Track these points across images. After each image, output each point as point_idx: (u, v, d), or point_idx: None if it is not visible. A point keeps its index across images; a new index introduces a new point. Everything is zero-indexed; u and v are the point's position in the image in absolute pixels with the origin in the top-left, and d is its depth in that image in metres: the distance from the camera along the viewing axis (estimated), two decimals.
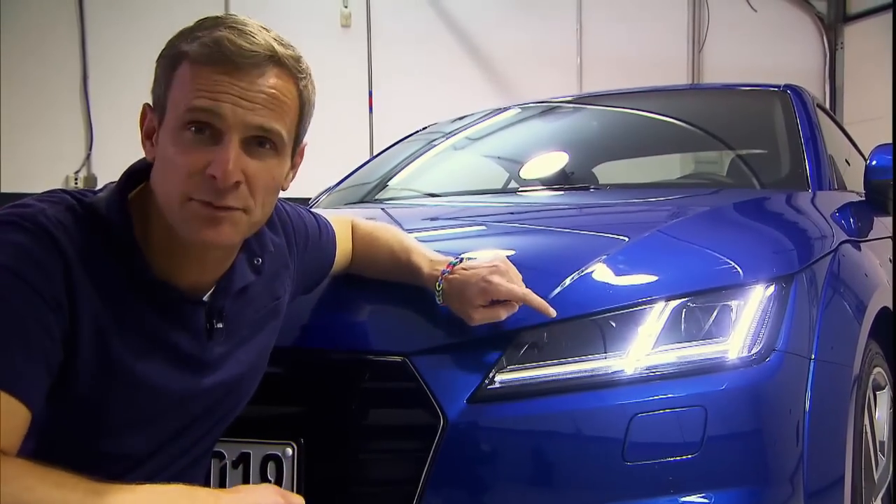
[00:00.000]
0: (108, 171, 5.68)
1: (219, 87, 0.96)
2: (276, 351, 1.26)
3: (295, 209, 1.30)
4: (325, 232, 1.33)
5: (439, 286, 1.26)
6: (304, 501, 1.02)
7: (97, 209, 1.00)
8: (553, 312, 1.22)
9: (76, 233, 0.96)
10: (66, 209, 0.97)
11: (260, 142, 0.99)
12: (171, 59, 0.99)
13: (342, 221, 1.40)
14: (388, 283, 1.35)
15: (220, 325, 1.08)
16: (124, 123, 6.35)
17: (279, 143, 1.00)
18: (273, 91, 0.98)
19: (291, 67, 1.00)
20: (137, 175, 1.05)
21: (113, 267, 0.98)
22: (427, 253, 1.32)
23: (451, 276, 1.25)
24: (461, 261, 1.28)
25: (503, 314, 1.22)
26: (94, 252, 0.96)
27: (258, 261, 1.13)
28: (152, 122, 1.01)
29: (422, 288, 1.31)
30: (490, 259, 1.27)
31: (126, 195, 1.03)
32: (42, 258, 0.92)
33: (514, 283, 1.23)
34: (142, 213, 1.02)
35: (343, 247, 1.37)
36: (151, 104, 1.02)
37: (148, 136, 1.02)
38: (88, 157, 5.73)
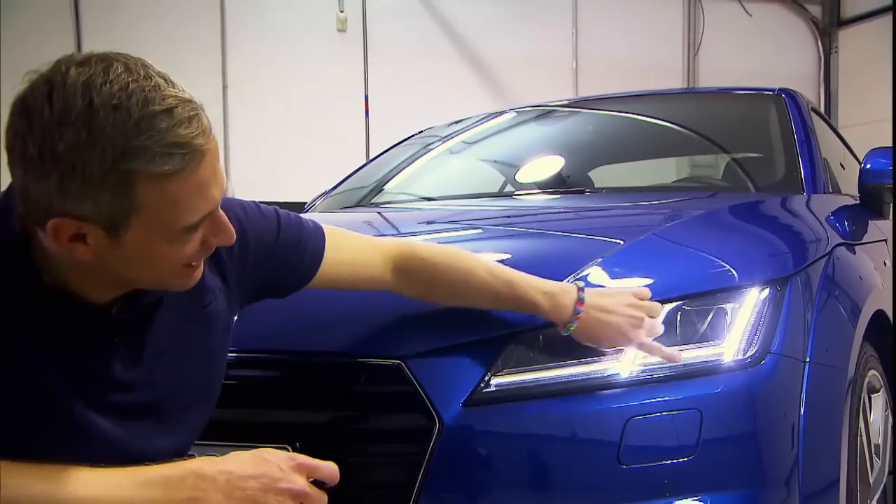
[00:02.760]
0: None
1: (205, 186, 0.90)
2: (271, 355, 1.25)
3: (252, 211, 1.18)
4: (309, 238, 1.23)
5: (572, 327, 1.23)
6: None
7: None
8: (678, 358, 1.22)
9: None
10: None
11: None
12: (123, 183, 0.85)
13: (384, 244, 1.31)
14: None
15: (117, 339, 1.00)
16: None
17: None
18: (214, 137, 0.93)
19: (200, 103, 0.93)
20: None
21: (5, 280, 0.91)
22: (536, 284, 1.24)
23: (583, 316, 1.22)
24: (582, 290, 1.24)
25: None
26: None
27: None
28: (84, 230, 0.88)
29: None
30: (625, 302, 1.24)
31: (12, 210, 0.92)
32: None
33: (648, 335, 1.23)
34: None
35: (367, 263, 1.27)
36: (79, 218, 0.86)
37: (79, 241, 0.89)
38: None
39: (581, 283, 1.26)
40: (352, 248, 1.27)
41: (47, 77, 0.86)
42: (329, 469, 1.02)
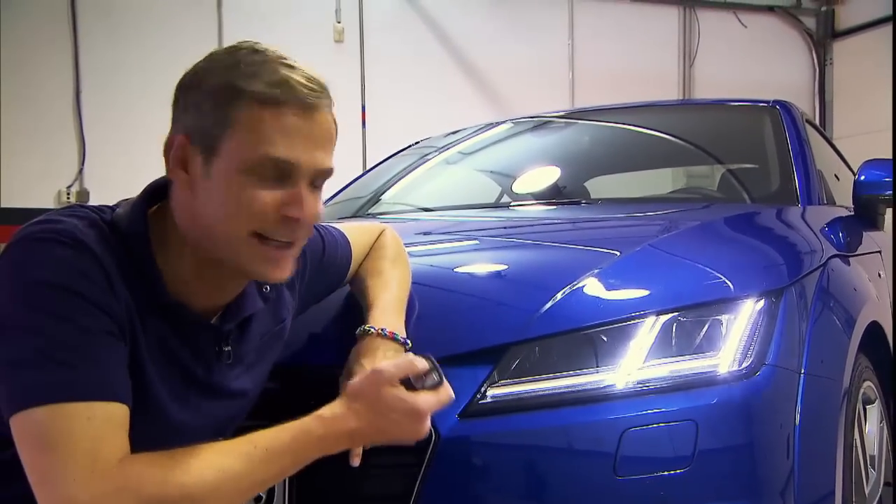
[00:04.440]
0: (101, 186, 5.68)
1: (293, 133, 0.96)
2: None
3: None
4: (340, 247, 1.33)
5: (360, 330, 1.22)
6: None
7: (118, 226, 1.01)
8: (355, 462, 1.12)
9: (105, 248, 0.97)
10: (92, 225, 0.99)
11: (314, 180, 1.02)
12: (226, 96, 0.96)
13: (372, 230, 1.40)
14: None
15: (227, 349, 1.09)
16: (116, 139, 6.33)
17: (327, 179, 1.04)
18: (332, 130, 1.01)
19: (332, 99, 1.02)
20: (156, 192, 1.05)
21: (135, 283, 0.99)
22: (380, 315, 1.23)
23: (372, 337, 1.20)
24: (401, 342, 1.21)
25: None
26: (120, 267, 0.98)
27: (266, 288, 1.15)
28: (187, 152, 0.98)
29: (413, 303, 1.31)
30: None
31: (146, 213, 1.03)
32: (88, 271, 0.94)
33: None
34: (160, 233, 1.03)
35: (357, 253, 1.37)
36: (186, 134, 0.98)
37: (181, 165, 0.99)
38: (81, 171, 5.73)
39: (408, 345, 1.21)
40: (357, 246, 1.36)
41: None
42: (446, 399, 1.07)
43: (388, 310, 1.25)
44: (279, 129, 0.96)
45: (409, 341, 1.22)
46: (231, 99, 0.95)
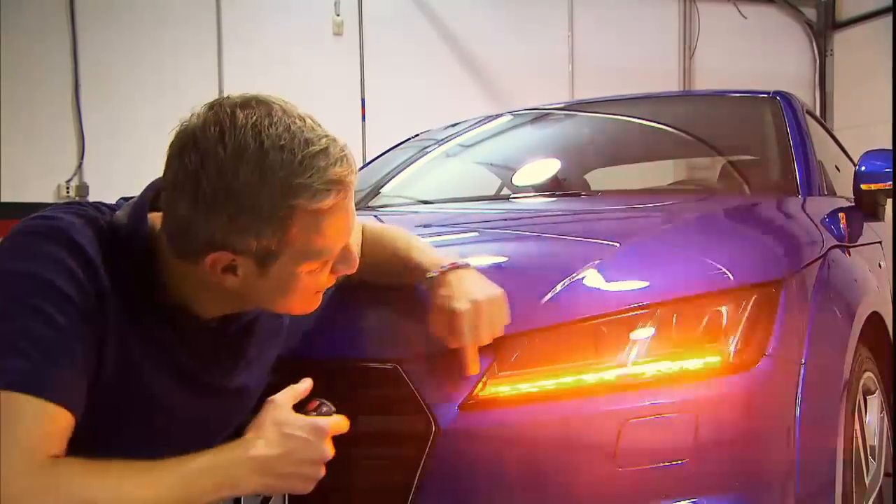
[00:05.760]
0: (100, 180, 5.68)
1: (348, 218, 1.00)
2: None
3: None
4: None
5: (430, 275, 1.22)
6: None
7: (118, 230, 1.00)
8: (474, 370, 1.17)
9: (101, 248, 0.97)
10: (89, 223, 0.99)
11: None
12: (284, 216, 0.93)
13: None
14: (379, 290, 1.35)
15: (227, 349, 1.10)
16: (115, 133, 6.32)
17: None
18: None
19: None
20: (158, 193, 1.03)
21: (133, 285, 0.99)
22: (430, 252, 1.26)
23: (445, 274, 1.21)
24: (465, 266, 1.23)
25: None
26: (116, 268, 0.97)
27: None
28: (237, 262, 0.97)
29: (412, 294, 1.31)
30: (476, 296, 1.16)
31: (146, 219, 1.02)
32: (74, 269, 0.93)
33: (471, 331, 1.17)
34: (161, 241, 1.01)
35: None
36: (235, 250, 0.95)
37: (230, 272, 0.98)
38: (80, 166, 5.72)
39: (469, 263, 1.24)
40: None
41: (216, 118, 0.92)
42: (342, 425, 1.10)
43: (425, 249, 1.27)
44: (339, 226, 0.98)
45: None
46: (291, 219, 0.94)
